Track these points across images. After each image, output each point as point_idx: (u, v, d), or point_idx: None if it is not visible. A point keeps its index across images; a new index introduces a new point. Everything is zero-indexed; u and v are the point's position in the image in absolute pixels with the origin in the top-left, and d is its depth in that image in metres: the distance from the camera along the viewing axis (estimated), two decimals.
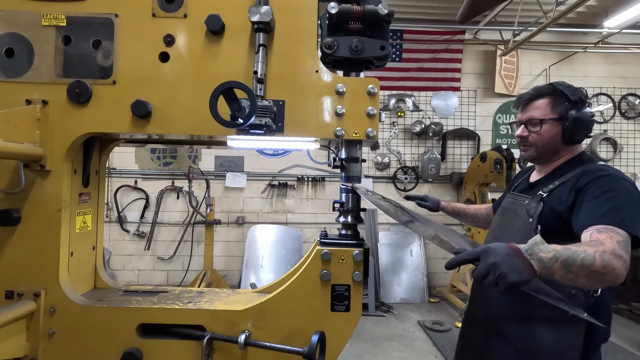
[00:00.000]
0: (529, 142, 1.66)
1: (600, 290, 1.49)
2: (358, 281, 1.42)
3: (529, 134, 1.65)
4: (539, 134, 1.63)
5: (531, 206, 1.58)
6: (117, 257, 6.32)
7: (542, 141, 1.63)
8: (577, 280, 1.19)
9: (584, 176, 1.50)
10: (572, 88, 1.64)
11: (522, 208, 1.63)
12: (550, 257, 1.14)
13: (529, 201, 1.61)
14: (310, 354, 1.26)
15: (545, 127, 1.61)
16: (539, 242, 1.16)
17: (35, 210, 1.39)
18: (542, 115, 1.62)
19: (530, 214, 1.57)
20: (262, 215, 6.50)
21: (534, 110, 1.64)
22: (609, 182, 1.44)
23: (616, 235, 1.31)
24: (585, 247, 1.23)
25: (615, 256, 1.23)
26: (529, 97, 1.66)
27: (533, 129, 1.64)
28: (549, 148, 1.64)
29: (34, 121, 1.37)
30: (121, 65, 1.41)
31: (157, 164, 6.38)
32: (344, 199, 1.53)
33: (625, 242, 1.31)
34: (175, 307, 1.44)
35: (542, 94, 1.64)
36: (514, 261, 1.10)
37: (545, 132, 1.62)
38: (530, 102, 1.66)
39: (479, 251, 1.13)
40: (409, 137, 6.72)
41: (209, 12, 1.39)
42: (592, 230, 1.36)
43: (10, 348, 1.31)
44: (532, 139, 1.65)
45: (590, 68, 6.77)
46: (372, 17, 1.41)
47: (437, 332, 4.89)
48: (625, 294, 5.64)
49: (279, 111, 1.41)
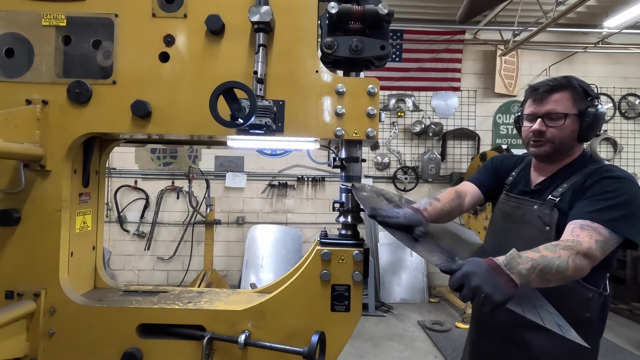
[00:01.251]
0: (546, 138, 1.53)
1: (608, 287, 1.52)
2: (358, 281, 1.42)
3: (547, 129, 1.52)
4: (560, 129, 1.51)
5: (544, 213, 1.51)
6: (117, 257, 6.32)
7: (562, 137, 1.52)
8: (549, 283, 1.22)
9: (590, 177, 1.48)
10: (587, 83, 1.57)
11: (532, 214, 1.56)
12: (529, 268, 1.15)
13: (540, 207, 1.54)
14: (310, 354, 1.26)
15: (567, 122, 1.50)
16: (516, 256, 1.15)
17: (35, 210, 1.39)
18: (565, 109, 1.50)
19: (545, 222, 1.51)
20: (262, 215, 6.50)
21: (554, 103, 1.51)
22: (612, 183, 1.42)
23: (597, 235, 1.31)
24: (560, 250, 1.23)
25: (586, 257, 1.25)
26: (548, 88, 1.53)
27: (553, 123, 1.51)
28: (566, 145, 1.54)
29: (34, 121, 1.37)
30: (121, 65, 1.41)
31: (157, 164, 6.38)
32: (344, 199, 1.53)
33: (605, 242, 1.31)
34: (175, 307, 1.44)
35: (561, 86, 1.52)
36: (496, 280, 1.09)
37: (566, 127, 1.51)
38: (548, 95, 1.53)
39: (459, 277, 1.10)
40: (409, 137, 6.72)
41: (209, 12, 1.38)
42: (576, 224, 1.35)
43: (10, 348, 1.31)
44: (550, 135, 1.52)
45: (590, 68, 6.78)
46: (372, 17, 1.41)
47: (437, 332, 4.88)
48: (625, 294, 5.64)
49: (279, 111, 1.41)
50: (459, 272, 1.11)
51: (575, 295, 1.45)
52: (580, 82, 1.57)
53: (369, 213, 1.32)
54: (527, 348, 1.55)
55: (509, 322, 1.60)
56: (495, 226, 1.77)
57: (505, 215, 1.71)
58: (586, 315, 1.46)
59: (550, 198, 1.53)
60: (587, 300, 1.46)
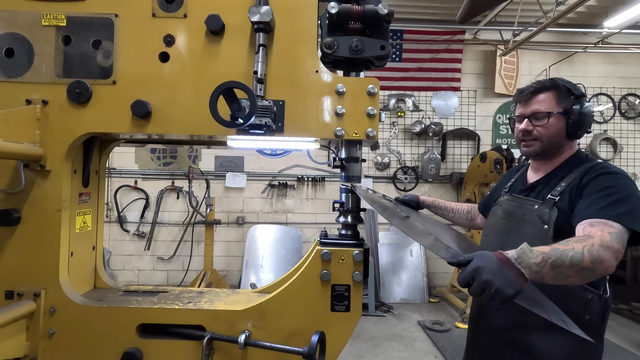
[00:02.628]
0: (534, 137, 1.62)
1: (608, 290, 1.51)
2: (358, 281, 1.42)
3: (533, 128, 1.61)
4: (546, 128, 1.59)
5: (544, 212, 1.53)
6: (117, 257, 6.32)
7: (549, 135, 1.59)
8: (567, 279, 1.18)
9: (586, 175, 1.50)
10: (572, 83, 1.64)
11: (532, 214, 1.58)
12: (539, 262, 1.13)
13: (540, 206, 1.56)
14: (310, 354, 1.26)
15: (552, 120, 1.59)
16: (527, 250, 1.14)
17: (35, 210, 1.39)
18: (549, 109, 1.59)
19: (544, 221, 1.52)
20: (262, 215, 6.50)
21: (538, 103, 1.61)
22: (609, 179, 1.44)
23: (608, 228, 1.30)
24: (573, 243, 1.21)
25: (604, 248, 1.21)
26: (532, 90, 1.63)
27: (539, 122, 1.60)
28: (555, 142, 1.61)
29: (34, 121, 1.37)
30: (121, 65, 1.41)
31: (157, 164, 6.38)
32: (343, 199, 1.53)
33: (619, 234, 1.30)
34: (175, 307, 1.44)
35: (545, 88, 1.61)
36: (506, 273, 1.08)
37: (551, 125, 1.59)
38: (533, 96, 1.63)
39: (470, 271, 1.09)
40: (409, 137, 6.72)
41: (209, 12, 1.39)
42: (585, 224, 1.35)
43: (10, 348, 1.31)
44: (537, 133, 1.61)
45: (590, 68, 6.78)
46: (372, 17, 1.41)
47: (437, 332, 4.88)
48: (625, 294, 5.64)
49: (279, 111, 1.41)
50: (469, 266, 1.10)
51: (574, 295, 1.45)
52: (566, 82, 1.64)
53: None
54: (525, 350, 1.55)
55: (506, 323, 1.60)
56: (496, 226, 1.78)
57: (506, 214, 1.73)
58: (585, 317, 1.45)
59: (550, 197, 1.55)
60: (586, 302, 1.46)
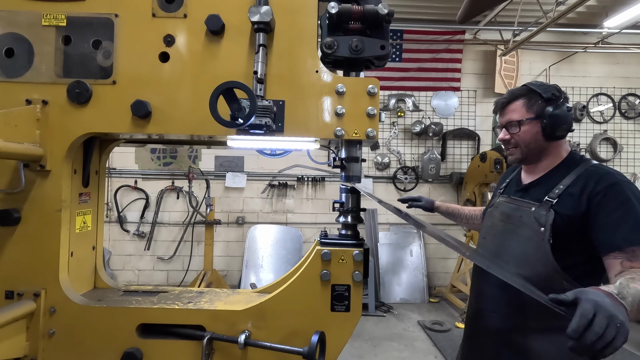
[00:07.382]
0: (513, 144, 1.69)
1: None
2: (358, 281, 1.42)
3: (511, 137, 1.68)
4: (520, 135, 1.66)
5: (540, 214, 1.54)
6: (117, 257, 6.32)
7: (525, 141, 1.65)
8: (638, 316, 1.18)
9: (591, 180, 1.49)
10: (545, 85, 1.66)
11: (529, 216, 1.59)
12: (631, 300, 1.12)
13: (537, 208, 1.57)
14: (310, 354, 1.25)
15: (524, 127, 1.64)
16: (626, 286, 1.14)
17: (35, 210, 1.39)
18: (520, 117, 1.65)
19: (541, 223, 1.52)
20: (262, 215, 6.50)
21: (510, 113, 1.68)
22: (621, 191, 1.44)
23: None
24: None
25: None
26: (504, 101, 1.71)
27: (513, 131, 1.67)
28: (533, 147, 1.66)
29: (34, 121, 1.37)
30: (121, 65, 1.41)
31: (157, 164, 6.38)
32: (343, 199, 1.53)
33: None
34: (175, 307, 1.44)
35: (516, 96, 1.68)
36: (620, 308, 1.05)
37: (525, 132, 1.65)
38: (506, 106, 1.70)
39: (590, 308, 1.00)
40: (409, 137, 6.72)
41: (209, 12, 1.38)
42: (622, 258, 1.36)
43: (10, 348, 1.31)
44: (515, 140, 1.68)
45: (590, 68, 6.78)
46: (372, 16, 1.41)
47: (437, 332, 4.89)
48: None
49: (279, 111, 1.41)
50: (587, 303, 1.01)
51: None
52: (539, 86, 1.66)
53: None
54: (521, 352, 1.55)
55: (503, 326, 1.61)
56: (494, 228, 1.77)
57: (504, 217, 1.73)
58: None
59: (547, 199, 1.55)
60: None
